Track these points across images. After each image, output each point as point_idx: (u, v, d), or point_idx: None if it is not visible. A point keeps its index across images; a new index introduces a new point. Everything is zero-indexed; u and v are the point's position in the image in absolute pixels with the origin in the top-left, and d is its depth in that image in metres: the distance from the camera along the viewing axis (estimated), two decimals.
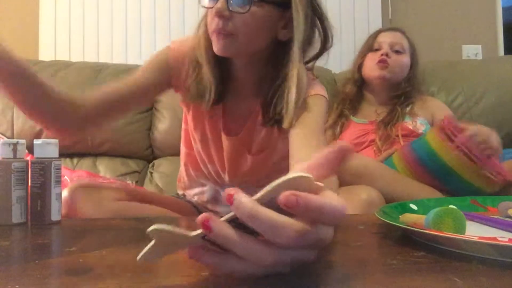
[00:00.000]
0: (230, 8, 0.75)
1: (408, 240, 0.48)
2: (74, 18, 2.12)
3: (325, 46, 0.84)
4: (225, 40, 0.77)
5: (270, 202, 0.31)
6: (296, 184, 0.31)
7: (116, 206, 0.82)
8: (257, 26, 0.78)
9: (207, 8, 0.79)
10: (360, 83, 1.53)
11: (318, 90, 0.83)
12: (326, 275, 0.37)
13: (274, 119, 0.81)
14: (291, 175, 0.31)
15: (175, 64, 0.86)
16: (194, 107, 0.91)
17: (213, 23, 0.77)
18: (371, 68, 1.47)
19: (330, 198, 0.31)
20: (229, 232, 0.30)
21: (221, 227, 0.30)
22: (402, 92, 1.48)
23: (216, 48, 0.78)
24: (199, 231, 0.32)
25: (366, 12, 2.23)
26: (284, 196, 0.30)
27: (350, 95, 1.51)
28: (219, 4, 0.75)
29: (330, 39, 0.84)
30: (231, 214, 0.31)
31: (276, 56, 0.82)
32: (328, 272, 0.38)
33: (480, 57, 2.29)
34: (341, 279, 0.36)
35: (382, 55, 1.44)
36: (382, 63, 1.44)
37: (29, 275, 0.37)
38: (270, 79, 0.82)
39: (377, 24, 2.18)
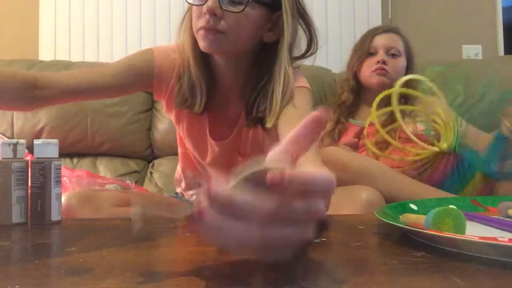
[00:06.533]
0: (223, 7, 0.74)
1: (408, 240, 0.48)
2: (74, 18, 2.12)
3: (309, 50, 0.84)
4: (214, 37, 0.76)
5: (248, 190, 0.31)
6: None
7: (113, 212, 0.82)
8: (248, 27, 0.77)
9: (195, 5, 0.77)
10: (356, 88, 1.53)
11: (302, 82, 0.83)
12: (326, 275, 0.37)
13: (257, 118, 0.81)
14: (264, 165, 0.32)
15: (159, 72, 0.85)
16: (177, 117, 0.91)
17: (202, 21, 0.76)
18: (369, 75, 1.47)
19: (315, 171, 0.32)
20: (218, 221, 0.30)
21: (212, 216, 0.30)
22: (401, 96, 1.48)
23: (202, 44, 0.77)
24: (187, 211, 0.32)
25: (366, 12, 2.22)
26: (270, 173, 0.30)
27: (347, 103, 1.51)
28: (211, 2, 0.74)
29: (315, 45, 0.84)
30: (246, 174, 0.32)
31: (260, 58, 0.82)
32: (328, 272, 0.38)
33: (480, 57, 2.28)
34: (341, 279, 0.35)
35: (378, 62, 1.44)
36: (380, 70, 1.44)
37: (29, 275, 0.37)
38: (254, 81, 0.82)
39: (377, 24, 2.17)
